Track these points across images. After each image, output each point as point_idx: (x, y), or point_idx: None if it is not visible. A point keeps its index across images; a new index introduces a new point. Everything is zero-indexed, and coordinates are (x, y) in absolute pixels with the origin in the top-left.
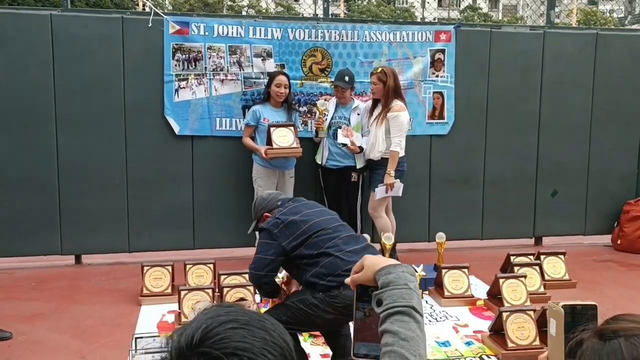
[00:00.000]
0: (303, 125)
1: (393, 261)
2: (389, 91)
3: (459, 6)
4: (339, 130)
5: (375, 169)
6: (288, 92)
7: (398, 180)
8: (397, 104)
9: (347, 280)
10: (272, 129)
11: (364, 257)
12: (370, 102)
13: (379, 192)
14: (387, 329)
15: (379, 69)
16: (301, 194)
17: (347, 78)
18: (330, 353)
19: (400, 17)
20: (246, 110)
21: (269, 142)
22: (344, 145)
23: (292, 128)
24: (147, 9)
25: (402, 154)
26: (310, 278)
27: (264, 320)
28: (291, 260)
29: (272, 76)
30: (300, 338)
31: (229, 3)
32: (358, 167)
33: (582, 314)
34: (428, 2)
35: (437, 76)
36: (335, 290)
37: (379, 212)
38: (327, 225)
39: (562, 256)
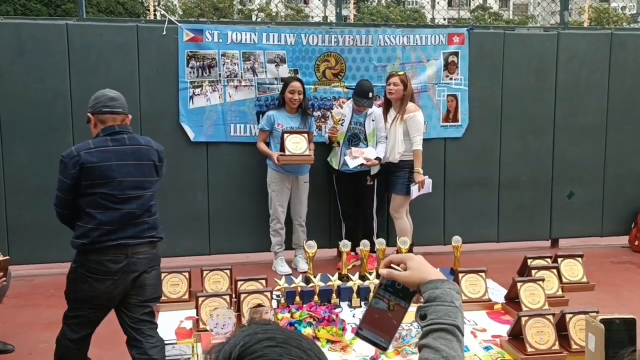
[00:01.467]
0: (317, 130)
1: (440, 274)
2: (408, 94)
3: (470, 6)
4: (346, 157)
5: (395, 171)
6: (302, 98)
7: (427, 176)
8: (411, 105)
9: (383, 271)
10: (285, 135)
11: (410, 257)
12: (382, 108)
13: (414, 191)
14: (428, 344)
15: (401, 72)
16: (316, 199)
17: (370, 95)
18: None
19: (411, 17)
20: (260, 116)
21: (282, 148)
22: (360, 165)
23: (305, 135)
24: (159, 16)
25: None
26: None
27: (300, 340)
28: None
29: (286, 82)
30: (318, 344)
31: (239, 7)
32: (372, 172)
33: (621, 328)
34: (438, 3)
35: (450, 79)
36: (82, 255)
37: (400, 213)
38: (120, 194)
39: (579, 258)
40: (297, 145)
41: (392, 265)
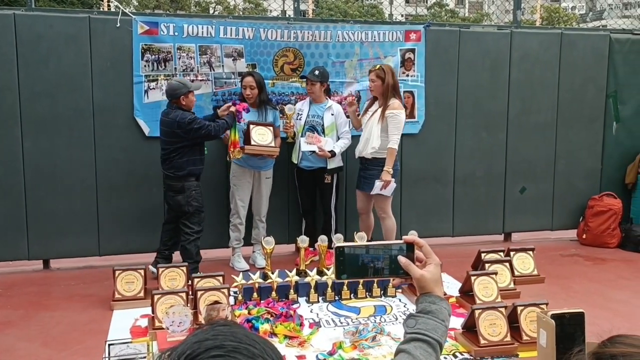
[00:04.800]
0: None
1: (442, 291)
2: (387, 88)
3: (427, 2)
4: (302, 139)
5: (367, 168)
6: (257, 93)
7: (394, 179)
8: (395, 102)
9: (402, 259)
10: (251, 126)
11: (436, 262)
12: (340, 107)
13: (377, 187)
14: (408, 350)
15: (377, 66)
16: (277, 194)
17: (317, 72)
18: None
19: (369, 13)
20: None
21: (247, 139)
22: (312, 152)
23: (271, 128)
24: (113, 7)
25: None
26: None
27: (253, 346)
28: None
29: (242, 78)
30: (276, 340)
31: None
32: (329, 167)
33: (571, 323)
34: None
35: (407, 75)
36: None
37: (387, 212)
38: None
39: (531, 252)
40: (262, 136)
41: (415, 259)
